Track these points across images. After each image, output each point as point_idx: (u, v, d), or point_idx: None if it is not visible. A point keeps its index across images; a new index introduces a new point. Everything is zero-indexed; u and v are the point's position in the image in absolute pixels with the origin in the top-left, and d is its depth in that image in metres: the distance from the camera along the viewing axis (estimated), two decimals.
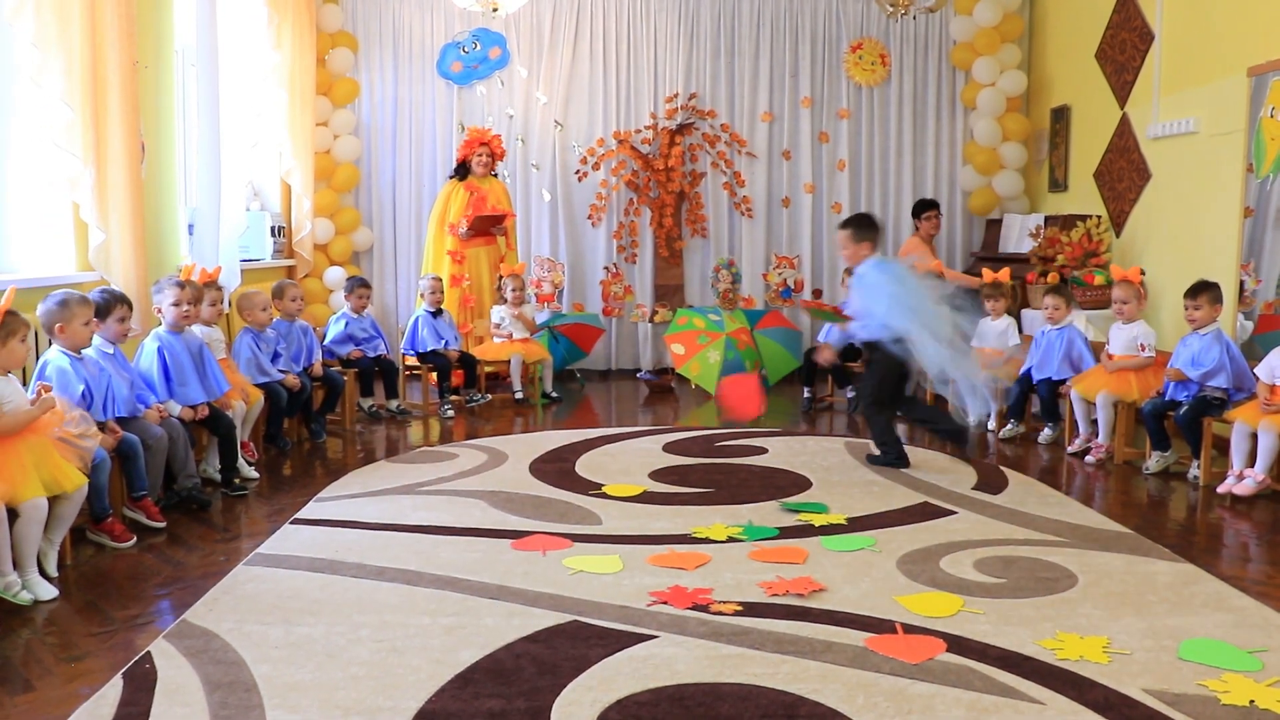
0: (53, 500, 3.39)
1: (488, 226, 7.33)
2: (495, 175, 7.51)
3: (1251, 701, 2.54)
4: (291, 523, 4.10)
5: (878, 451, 5.15)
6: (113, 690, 2.60)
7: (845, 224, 5.16)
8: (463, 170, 7.38)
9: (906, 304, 4.79)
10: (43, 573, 3.38)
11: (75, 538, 3.69)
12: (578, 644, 2.87)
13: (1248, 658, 2.81)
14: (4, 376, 3.44)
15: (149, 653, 2.82)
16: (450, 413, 6.45)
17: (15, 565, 3.25)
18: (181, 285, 4.61)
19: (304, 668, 2.72)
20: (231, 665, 2.73)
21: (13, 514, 3.23)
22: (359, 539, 3.87)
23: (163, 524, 4.06)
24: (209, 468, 4.74)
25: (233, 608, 3.16)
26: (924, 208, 7.61)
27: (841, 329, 5.29)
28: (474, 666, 2.73)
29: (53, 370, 3.84)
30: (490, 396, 6.88)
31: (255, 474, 4.91)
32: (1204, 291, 4.86)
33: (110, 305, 4.16)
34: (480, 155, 7.27)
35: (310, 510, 4.28)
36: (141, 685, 2.62)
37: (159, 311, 4.61)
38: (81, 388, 3.85)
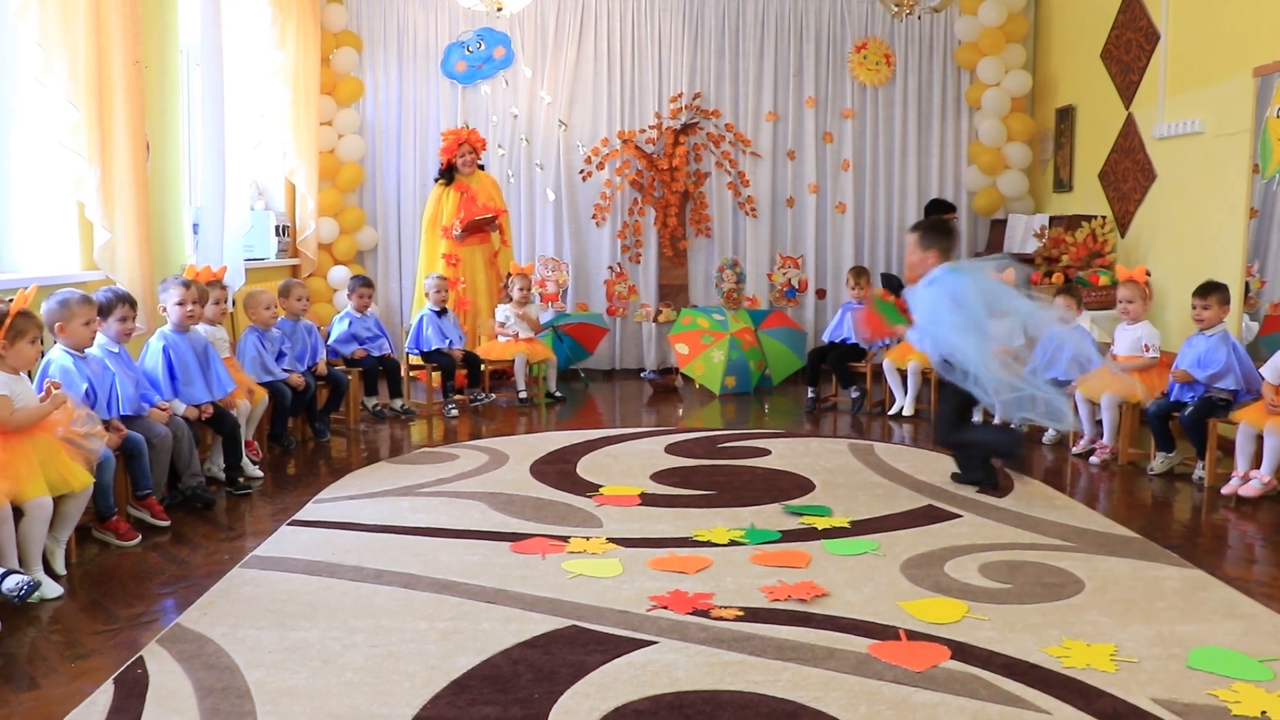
0: (58, 499, 3.39)
1: (482, 226, 7.32)
2: (481, 167, 7.47)
3: (1263, 712, 2.50)
4: (289, 524, 4.08)
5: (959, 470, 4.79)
6: (103, 696, 2.57)
7: (914, 228, 4.69)
8: (449, 173, 7.35)
9: (958, 324, 4.27)
10: (49, 570, 3.38)
11: (80, 536, 3.70)
12: (576, 650, 2.84)
13: (1259, 667, 2.76)
14: (15, 376, 3.44)
15: (141, 657, 2.79)
16: (454, 412, 6.43)
17: (21, 563, 3.24)
18: (187, 285, 4.61)
19: (298, 673, 2.70)
20: (224, 670, 2.71)
21: (18, 512, 3.24)
22: (357, 541, 3.85)
23: (167, 523, 4.05)
24: (213, 466, 4.73)
25: (228, 611, 3.14)
26: (943, 209, 7.56)
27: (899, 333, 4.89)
28: (470, 673, 2.70)
29: (56, 369, 3.83)
30: (494, 396, 6.87)
31: (259, 473, 4.91)
32: (1214, 291, 4.81)
33: (111, 305, 4.16)
34: (463, 154, 7.26)
35: (309, 512, 4.26)
36: (133, 691, 2.59)
37: (164, 311, 4.61)
38: (85, 386, 3.85)
